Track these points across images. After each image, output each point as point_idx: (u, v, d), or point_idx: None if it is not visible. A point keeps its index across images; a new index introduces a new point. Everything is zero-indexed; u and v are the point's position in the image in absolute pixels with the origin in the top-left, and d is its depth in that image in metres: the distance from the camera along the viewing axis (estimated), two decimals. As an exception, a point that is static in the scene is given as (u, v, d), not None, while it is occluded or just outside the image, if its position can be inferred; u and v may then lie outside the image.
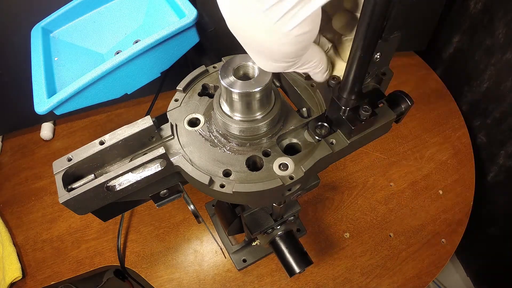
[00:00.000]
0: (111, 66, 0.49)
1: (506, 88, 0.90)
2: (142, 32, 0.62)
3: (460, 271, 1.26)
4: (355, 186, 0.88)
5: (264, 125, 0.38)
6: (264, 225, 0.56)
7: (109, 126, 0.98)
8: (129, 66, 0.51)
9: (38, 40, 0.58)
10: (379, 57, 0.32)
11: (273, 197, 0.40)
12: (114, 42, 0.63)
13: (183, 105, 0.42)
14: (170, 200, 0.44)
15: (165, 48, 0.53)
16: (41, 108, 0.48)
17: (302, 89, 0.43)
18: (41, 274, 0.76)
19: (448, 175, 0.91)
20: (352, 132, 0.36)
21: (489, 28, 0.92)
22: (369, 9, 0.25)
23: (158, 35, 0.50)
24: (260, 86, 0.34)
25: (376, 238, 0.81)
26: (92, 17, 0.64)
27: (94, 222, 0.81)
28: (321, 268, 0.77)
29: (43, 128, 0.95)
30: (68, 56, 0.60)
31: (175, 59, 0.56)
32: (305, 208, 0.83)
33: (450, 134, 0.99)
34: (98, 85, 0.51)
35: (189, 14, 0.51)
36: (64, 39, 0.62)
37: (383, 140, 0.96)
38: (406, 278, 0.76)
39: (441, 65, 1.14)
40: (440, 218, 0.85)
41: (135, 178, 0.36)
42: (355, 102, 0.34)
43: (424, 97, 1.06)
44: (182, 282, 0.74)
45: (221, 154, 0.38)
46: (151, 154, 0.35)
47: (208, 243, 0.79)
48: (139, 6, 0.63)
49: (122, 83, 0.53)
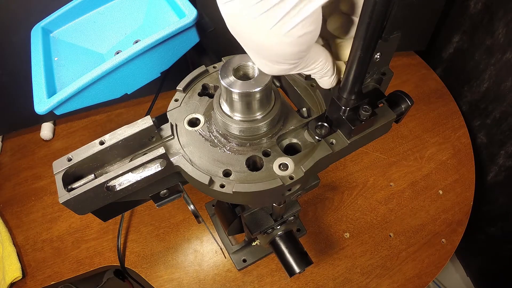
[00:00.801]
0: (111, 66, 0.49)
1: (506, 88, 0.90)
2: (142, 32, 0.62)
3: (460, 271, 1.26)
4: (355, 186, 0.88)
5: (264, 125, 0.38)
6: (264, 225, 0.56)
7: (109, 126, 0.98)
8: (129, 66, 0.51)
9: (38, 40, 0.58)
10: (379, 57, 0.32)
11: (273, 197, 0.40)
12: (114, 42, 0.63)
13: (183, 105, 0.42)
14: (170, 200, 0.44)
15: (165, 48, 0.53)
16: (41, 108, 0.48)
17: (302, 89, 0.43)
18: (41, 274, 0.76)
19: (448, 175, 0.91)
20: (352, 132, 0.36)
21: (489, 28, 0.92)
22: (369, 9, 0.25)
23: (158, 35, 0.50)
24: (260, 86, 0.34)
25: (376, 238, 0.81)
26: (92, 17, 0.64)
27: (94, 222, 0.81)
28: (321, 268, 0.77)
29: (43, 128, 0.95)
30: (68, 56, 0.60)
31: (175, 59, 0.56)
32: (305, 208, 0.83)
33: (450, 134, 0.99)
34: (98, 85, 0.51)
35: (189, 14, 0.51)
36: (64, 39, 0.62)
37: (383, 140, 0.96)
38: (406, 278, 0.76)
39: (441, 65, 1.14)
40: (440, 218, 0.85)
41: (135, 178, 0.36)
42: (355, 102, 0.34)
43: (424, 97, 1.06)
44: (182, 282, 0.74)
45: (221, 154, 0.38)
46: (151, 154, 0.35)
47: (208, 243, 0.79)
48: (139, 6, 0.63)
49: (122, 83, 0.53)
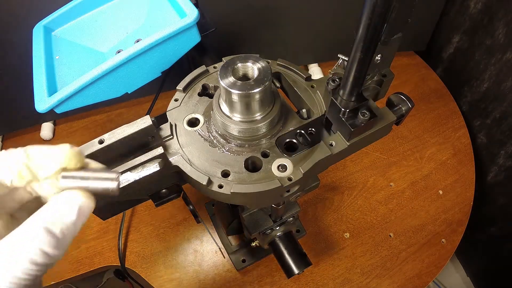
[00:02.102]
0: (112, 65, 0.49)
1: (506, 88, 0.90)
2: (143, 31, 0.62)
3: (460, 271, 1.26)
4: (355, 186, 0.88)
5: (263, 126, 0.38)
6: (263, 226, 0.56)
7: (109, 126, 0.98)
8: (130, 65, 0.51)
9: (39, 39, 0.58)
10: (380, 59, 0.32)
11: (271, 198, 0.40)
12: (115, 41, 0.63)
13: (183, 105, 0.42)
14: (169, 200, 0.44)
15: (166, 47, 0.53)
16: (41, 106, 0.49)
17: (302, 90, 0.43)
18: (41, 274, 0.76)
19: (448, 175, 0.91)
20: (351, 134, 0.35)
21: (489, 28, 0.92)
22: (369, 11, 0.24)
23: (159, 34, 0.50)
24: (260, 87, 0.34)
25: (376, 238, 0.81)
26: (94, 16, 0.64)
27: (94, 222, 0.81)
28: (321, 268, 0.77)
29: (43, 128, 0.95)
30: (70, 55, 0.60)
31: (176, 59, 0.56)
32: (305, 208, 0.83)
33: (450, 134, 0.98)
34: (99, 84, 0.51)
35: (190, 14, 0.51)
36: (66, 38, 0.62)
37: (383, 140, 0.96)
38: (406, 278, 0.76)
39: (441, 65, 1.14)
40: (440, 218, 0.85)
41: (134, 178, 0.36)
42: (355, 104, 0.34)
43: (424, 97, 1.06)
44: (182, 282, 0.74)
45: (220, 155, 0.38)
46: (150, 154, 0.35)
47: (208, 243, 0.79)
48: (141, 5, 0.63)
49: (122, 82, 0.53)
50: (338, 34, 0.97)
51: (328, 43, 1.02)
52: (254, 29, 0.93)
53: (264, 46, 1.00)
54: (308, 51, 1.06)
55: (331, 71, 0.41)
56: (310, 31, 0.99)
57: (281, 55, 0.46)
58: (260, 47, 1.00)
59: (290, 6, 0.90)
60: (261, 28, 0.93)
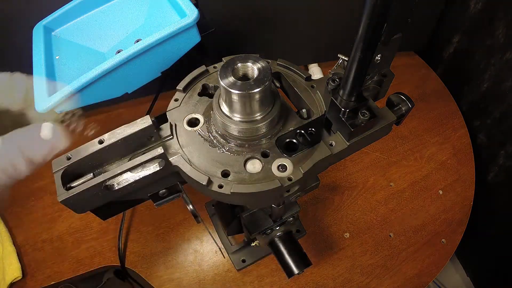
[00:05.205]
0: (112, 65, 0.49)
1: (506, 88, 0.90)
2: (143, 31, 0.62)
3: (460, 271, 1.26)
4: (355, 186, 0.88)
5: (263, 126, 0.38)
6: (263, 226, 0.57)
7: (109, 126, 0.98)
8: (130, 65, 0.51)
9: (39, 39, 0.59)
10: (380, 59, 0.32)
11: (271, 198, 0.40)
12: (115, 41, 0.63)
13: (183, 105, 0.42)
14: (169, 200, 0.44)
15: (166, 47, 0.53)
16: (42, 106, 0.49)
17: (302, 90, 0.43)
18: (41, 274, 0.76)
19: (448, 175, 0.91)
20: (351, 134, 0.35)
21: (489, 28, 0.92)
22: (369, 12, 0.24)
23: (159, 34, 0.50)
24: (259, 87, 0.34)
25: (376, 238, 0.81)
26: (94, 16, 0.64)
27: (94, 222, 0.81)
28: (321, 268, 0.77)
29: (43, 128, 0.95)
30: (70, 55, 0.60)
31: (176, 59, 0.56)
32: (305, 208, 0.83)
33: (450, 134, 0.98)
34: (99, 84, 0.51)
35: (190, 14, 0.51)
36: (66, 38, 0.62)
37: (383, 140, 0.96)
38: (406, 278, 0.76)
39: (441, 65, 1.14)
40: (440, 218, 0.85)
41: (134, 178, 0.36)
42: (354, 104, 0.34)
43: (424, 97, 1.06)
44: (182, 282, 0.74)
45: (220, 155, 0.38)
46: (150, 154, 0.35)
47: (208, 243, 0.79)
48: (141, 5, 0.63)
49: (122, 82, 0.53)
50: (338, 34, 0.97)
51: (328, 43, 1.02)
52: (254, 29, 0.93)
53: (264, 46, 1.00)
54: (308, 51, 1.06)
55: (331, 71, 0.41)
56: (310, 31, 0.99)
57: (281, 55, 0.46)
58: (260, 47, 1.00)
59: (290, 6, 0.90)
60: (261, 28, 0.93)
